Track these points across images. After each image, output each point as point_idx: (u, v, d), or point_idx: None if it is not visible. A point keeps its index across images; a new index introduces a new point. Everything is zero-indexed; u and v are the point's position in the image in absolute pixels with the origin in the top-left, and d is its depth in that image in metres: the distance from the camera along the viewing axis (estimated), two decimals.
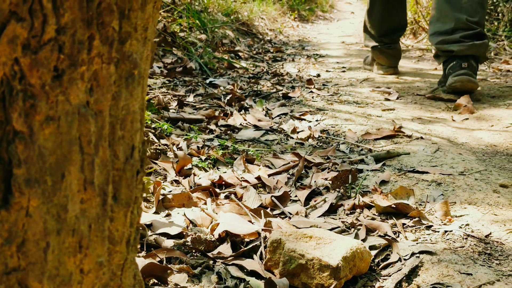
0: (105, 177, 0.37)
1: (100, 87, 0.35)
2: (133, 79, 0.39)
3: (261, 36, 5.38)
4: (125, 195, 0.39)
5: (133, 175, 0.40)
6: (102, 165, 0.36)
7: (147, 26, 0.42)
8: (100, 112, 0.36)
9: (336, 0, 12.36)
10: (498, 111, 2.08)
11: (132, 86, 0.39)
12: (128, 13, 0.38)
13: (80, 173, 0.35)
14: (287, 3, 7.66)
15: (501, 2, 4.71)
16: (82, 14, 0.34)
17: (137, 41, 0.39)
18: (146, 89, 0.44)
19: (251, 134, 1.75)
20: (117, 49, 0.37)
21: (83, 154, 0.35)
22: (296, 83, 2.77)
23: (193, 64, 2.87)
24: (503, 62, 3.46)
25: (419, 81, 2.79)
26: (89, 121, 0.35)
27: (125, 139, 0.39)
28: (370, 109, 2.15)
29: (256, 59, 3.63)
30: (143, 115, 0.44)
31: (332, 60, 3.77)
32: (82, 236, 0.35)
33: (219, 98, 2.23)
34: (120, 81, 0.38)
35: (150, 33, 0.43)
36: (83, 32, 0.34)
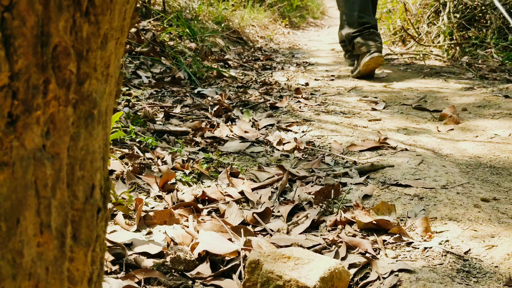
0: (63, 219, 0.37)
1: (57, 130, 0.35)
2: (92, 119, 0.39)
3: (252, 44, 5.40)
4: (85, 235, 0.39)
5: (94, 215, 0.40)
6: (60, 207, 0.36)
7: (109, 63, 0.42)
8: (57, 155, 0.36)
9: (327, 6, 12.42)
10: (483, 121, 2.10)
11: (92, 126, 0.39)
12: (86, 54, 0.38)
13: (36, 217, 0.35)
14: (278, 10, 7.68)
15: (489, 9, 4.75)
16: (36, 59, 0.34)
17: (97, 80, 0.39)
18: (110, 125, 0.44)
19: (237, 146, 1.75)
20: (75, 90, 0.37)
21: (39, 198, 0.35)
22: (284, 92, 2.78)
23: (181, 74, 2.87)
24: (490, 70, 3.49)
25: (406, 90, 2.81)
26: (45, 164, 0.35)
27: (84, 179, 0.39)
28: (356, 120, 2.16)
29: (246, 68, 3.63)
30: (107, 150, 0.44)
31: (321, 68, 3.79)
32: (39, 279, 0.35)
33: (206, 109, 2.23)
34: (79, 122, 0.38)
35: (112, 69, 0.43)
36: (38, 77, 0.34)
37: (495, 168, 1.56)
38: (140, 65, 2.86)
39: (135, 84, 2.53)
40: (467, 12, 4.86)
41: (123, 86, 2.43)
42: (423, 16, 5.28)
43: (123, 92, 2.27)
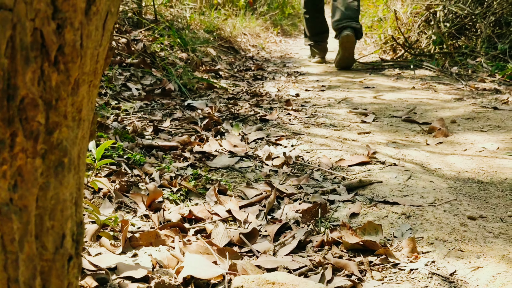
0: (32, 272, 0.36)
1: (25, 182, 0.35)
2: (63, 167, 0.38)
3: (243, 53, 5.41)
4: (55, 285, 0.39)
5: (64, 265, 0.39)
6: (28, 260, 0.36)
7: (81, 107, 0.42)
8: (25, 208, 0.35)
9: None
10: (472, 134, 2.11)
11: (62, 175, 0.38)
12: (56, 103, 0.37)
13: (3, 272, 0.34)
14: (270, 18, 7.71)
15: (479, 18, 4.80)
16: (2, 114, 0.33)
17: (68, 127, 0.39)
18: (84, 168, 0.44)
19: (226, 162, 1.75)
20: (44, 140, 0.36)
21: (6, 253, 0.34)
22: (274, 103, 2.78)
23: (172, 86, 2.86)
24: (480, 80, 3.52)
25: (396, 101, 2.82)
26: (12, 219, 0.34)
27: (54, 229, 0.38)
28: (346, 133, 2.16)
29: (237, 78, 3.64)
30: (80, 195, 0.43)
31: (312, 78, 3.79)
32: None
33: (195, 122, 2.22)
34: (48, 172, 0.37)
35: (85, 112, 0.43)
36: (3, 131, 0.33)
37: (483, 183, 1.56)
38: (130, 77, 2.86)
39: (125, 96, 2.52)
40: (457, 21, 4.90)
41: (113, 99, 2.43)
42: (413, 25, 5.32)
43: (112, 106, 2.26)
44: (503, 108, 2.52)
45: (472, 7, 5.11)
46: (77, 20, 0.38)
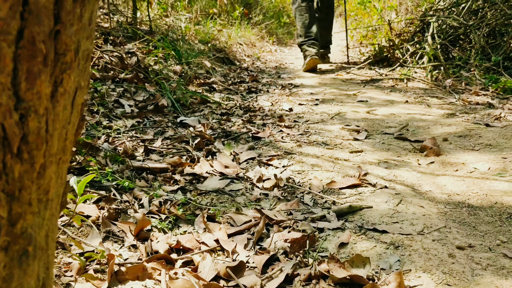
0: None
1: None
2: (27, 256, 0.38)
3: (238, 63, 5.41)
4: None
5: None
6: None
7: (49, 188, 0.41)
8: None
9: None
10: (463, 153, 2.11)
11: (26, 264, 0.38)
12: (19, 194, 0.37)
13: None
14: (265, 27, 7.72)
15: (472, 29, 4.81)
16: None
17: (33, 214, 0.38)
18: (53, 247, 0.43)
19: (216, 184, 1.74)
20: (6, 233, 0.36)
21: None
22: (267, 119, 2.78)
23: (165, 101, 2.86)
24: (473, 93, 3.52)
25: (389, 117, 2.82)
26: None
27: None
28: (338, 151, 2.16)
29: (231, 91, 3.63)
30: (49, 274, 0.43)
31: (306, 91, 3.80)
32: None
33: (187, 141, 2.22)
34: (12, 263, 0.37)
35: (53, 192, 0.42)
36: None
37: (473, 207, 1.56)
38: (123, 92, 2.85)
39: (117, 114, 2.51)
40: (451, 32, 4.92)
41: (105, 118, 2.42)
42: (408, 35, 5.34)
43: (104, 125, 2.25)
44: (495, 125, 2.53)
45: (466, 18, 5.14)
46: (42, 106, 0.38)
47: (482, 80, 3.83)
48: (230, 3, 7.65)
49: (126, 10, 5.51)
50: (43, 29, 0.37)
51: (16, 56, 0.35)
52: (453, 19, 4.91)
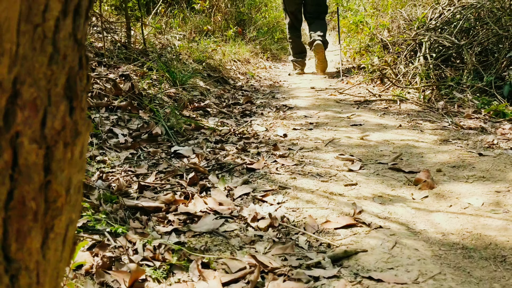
0: None
1: None
2: None
3: (233, 82, 5.43)
4: None
5: None
6: None
7: None
8: None
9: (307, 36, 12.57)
10: (457, 185, 2.12)
11: None
12: None
13: None
14: (260, 43, 7.75)
15: (464, 48, 4.85)
16: None
17: None
18: None
19: (210, 225, 1.73)
20: None
21: None
22: (262, 146, 2.78)
23: (159, 129, 2.85)
24: (466, 116, 3.55)
25: (382, 144, 2.83)
26: None
27: None
28: (332, 184, 2.16)
29: (225, 115, 3.64)
30: None
31: (300, 113, 3.81)
32: None
33: (181, 175, 2.21)
34: None
35: None
36: None
37: (467, 249, 1.56)
38: (117, 120, 2.85)
39: (111, 145, 2.51)
40: (443, 52, 4.96)
41: (99, 149, 2.41)
42: (400, 54, 5.37)
43: (97, 160, 2.25)
44: (488, 154, 2.54)
45: (458, 37, 5.18)
46: (33, 261, 0.37)
47: (474, 101, 3.86)
48: (225, 19, 7.69)
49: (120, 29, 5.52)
50: (33, 187, 0.36)
51: (6, 219, 0.35)
52: (445, 38, 4.95)
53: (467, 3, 5.62)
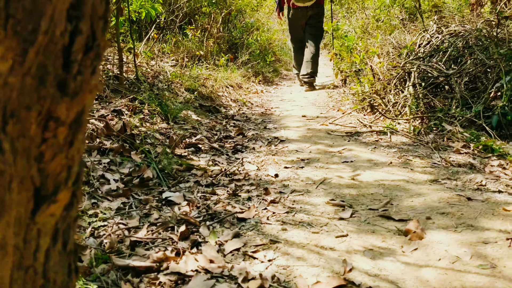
0: None
1: None
2: None
3: (225, 110, 5.46)
4: None
5: None
6: None
7: None
8: None
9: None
10: (446, 235, 2.14)
11: None
12: None
13: None
14: (252, 67, 7.81)
15: (453, 78, 4.92)
16: None
17: None
18: None
19: (201, 286, 1.74)
20: None
21: None
22: (253, 189, 2.80)
23: (150, 172, 2.87)
24: (455, 151, 3.59)
25: (373, 185, 2.85)
26: None
27: None
28: (324, 236, 2.18)
29: (216, 151, 3.66)
30: None
31: (291, 147, 3.83)
32: None
33: (173, 227, 2.22)
34: None
35: None
36: None
37: None
38: (109, 164, 2.86)
39: (103, 193, 2.51)
40: (432, 81, 5.02)
41: (91, 198, 2.42)
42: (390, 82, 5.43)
43: (89, 214, 2.25)
44: (476, 197, 2.57)
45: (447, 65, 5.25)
46: None
47: (464, 134, 3.90)
48: (217, 44, 7.74)
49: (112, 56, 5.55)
50: None
51: None
52: (433, 67, 5.01)
53: (455, 31, 5.71)
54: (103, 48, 0.42)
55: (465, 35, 5.42)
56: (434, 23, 6.10)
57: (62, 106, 0.38)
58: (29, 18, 0.36)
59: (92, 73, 0.40)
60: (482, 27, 5.50)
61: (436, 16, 6.67)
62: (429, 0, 8.10)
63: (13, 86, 0.35)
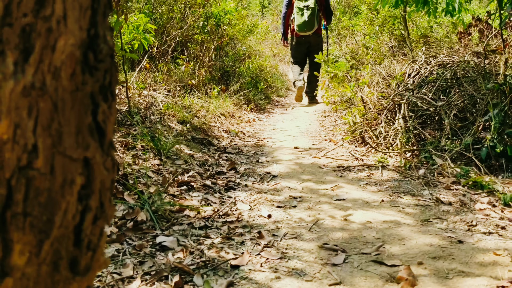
0: None
1: None
2: None
3: (217, 141, 5.49)
4: None
5: None
6: None
7: None
8: None
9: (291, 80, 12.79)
10: (437, 282, 2.16)
11: None
12: None
13: None
14: (244, 95, 7.87)
15: (442, 109, 5.00)
16: None
17: None
18: None
19: None
20: None
21: None
22: (246, 233, 2.81)
23: (143, 215, 2.87)
24: (446, 187, 3.63)
25: (365, 227, 2.88)
26: None
27: None
28: (317, 284, 2.19)
29: (209, 189, 3.67)
30: None
31: (284, 184, 3.86)
32: None
33: (167, 276, 2.23)
34: None
35: None
36: None
37: None
38: None
39: None
40: (422, 112, 5.09)
41: None
42: (381, 112, 5.50)
43: None
44: (467, 240, 2.60)
45: (436, 96, 5.34)
46: None
47: (454, 168, 3.95)
48: (209, 72, 7.81)
49: None
50: None
51: None
52: (422, 99, 5.09)
53: (443, 62, 5.82)
54: (110, 216, 0.45)
55: (453, 66, 5.53)
56: (423, 54, 6.21)
57: (73, 286, 0.40)
58: (44, 211, 0.39)
59: (100, 236, 0.43)
60: (470, 59, 5.61)
61: (424, 47, 6.79)
62: (417, 30, 8.26)
63: (29, 276, 0.38)
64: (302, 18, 7.89)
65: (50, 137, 0.38)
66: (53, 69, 0.41)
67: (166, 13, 8.11)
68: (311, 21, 7.81)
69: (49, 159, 0.39)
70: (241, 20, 9.51)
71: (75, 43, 0.42)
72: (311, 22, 7.82)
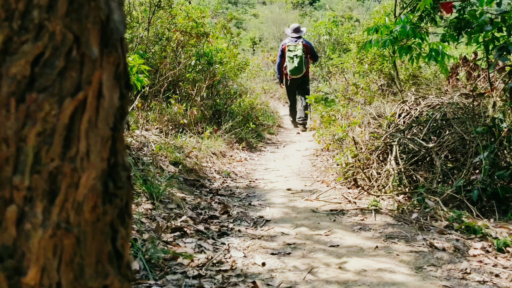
0: None
1: None
2: None
3: (209, 183, 5.48)
4: None
5: None
6: None
7: None
8: None
9: (282, 115, 12.90)
10: None
11: None
12: None
13: None
14: (235, 134, 7.90)
15: (433, 151, 5.04)
16: None
17: None
18: None
19: None
20: None
21: None
22: (241, 283, 2.78)
23: (137, 264, 2.84)
24: (439, 231, 3.64)
25: (359, 274, 2.86)
26: None
27: None
28: None
29: (202, 234, 3.64)
30: None
31: (277, 229, 3.84)
32: None
33: None
34: None
35: None
36: None
37: None
38: None
39: None
40: (414, 153, 5.13)
41: None
42: (373, 153, 5.54)
43: None
44: None
45: (427, 137, 5.39)
46: None
47: (446, 212, 3.97)
48: (201, 111, 7.86)
49: None
50: None
51: None
52: (413, 141, 5.14)
53: (432, 103, 5.91)
54: None
55: (442, 108, 5.62)
56: (412, 95, 6.32)
57: None
58: None
59: None
60: (459, 100, 5.71)
61: (414, 88, 6.92)
62: (406, 69, 8.42)
63: None
64: (293, 64, 10.06)
65: (72, 272, 0.39)
66: (76, 206, 0.42)
67: (159, 53, 8.20)
68: (300, 67, 10.05)
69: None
70: (233, 58, 9.65)
71: (96, 176, 0.43)
72: (300, 68, 10.07)
